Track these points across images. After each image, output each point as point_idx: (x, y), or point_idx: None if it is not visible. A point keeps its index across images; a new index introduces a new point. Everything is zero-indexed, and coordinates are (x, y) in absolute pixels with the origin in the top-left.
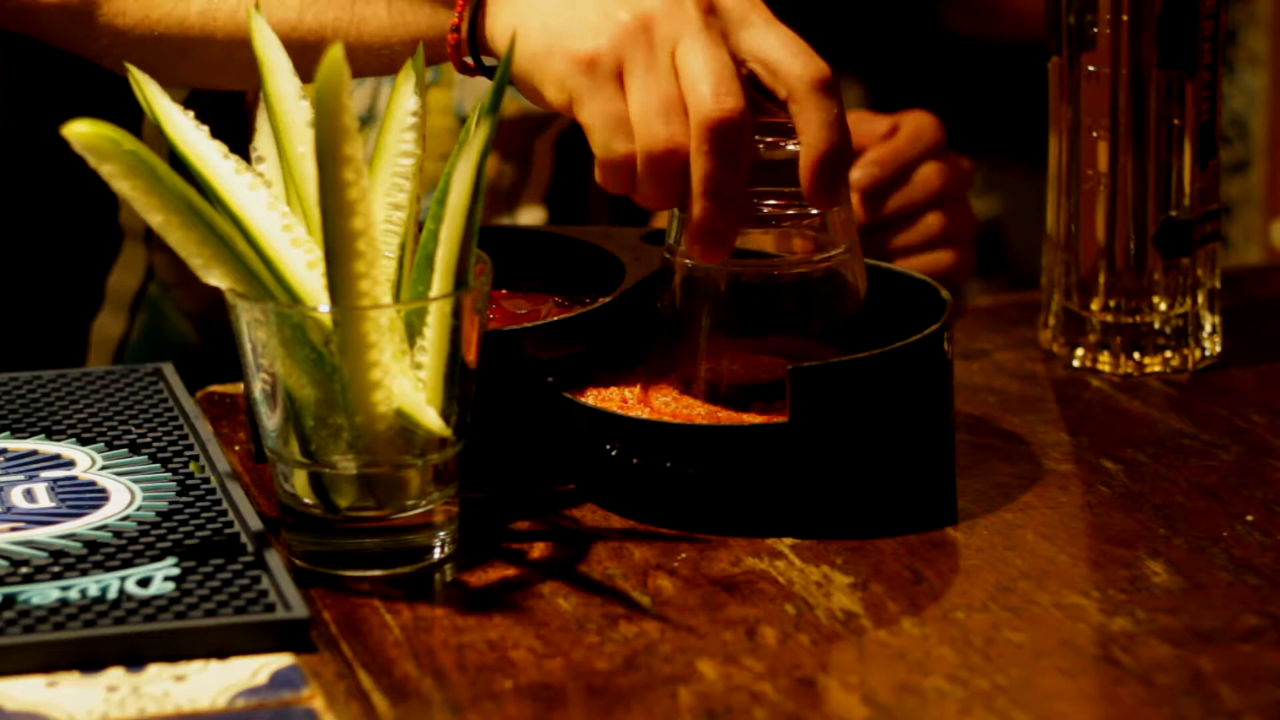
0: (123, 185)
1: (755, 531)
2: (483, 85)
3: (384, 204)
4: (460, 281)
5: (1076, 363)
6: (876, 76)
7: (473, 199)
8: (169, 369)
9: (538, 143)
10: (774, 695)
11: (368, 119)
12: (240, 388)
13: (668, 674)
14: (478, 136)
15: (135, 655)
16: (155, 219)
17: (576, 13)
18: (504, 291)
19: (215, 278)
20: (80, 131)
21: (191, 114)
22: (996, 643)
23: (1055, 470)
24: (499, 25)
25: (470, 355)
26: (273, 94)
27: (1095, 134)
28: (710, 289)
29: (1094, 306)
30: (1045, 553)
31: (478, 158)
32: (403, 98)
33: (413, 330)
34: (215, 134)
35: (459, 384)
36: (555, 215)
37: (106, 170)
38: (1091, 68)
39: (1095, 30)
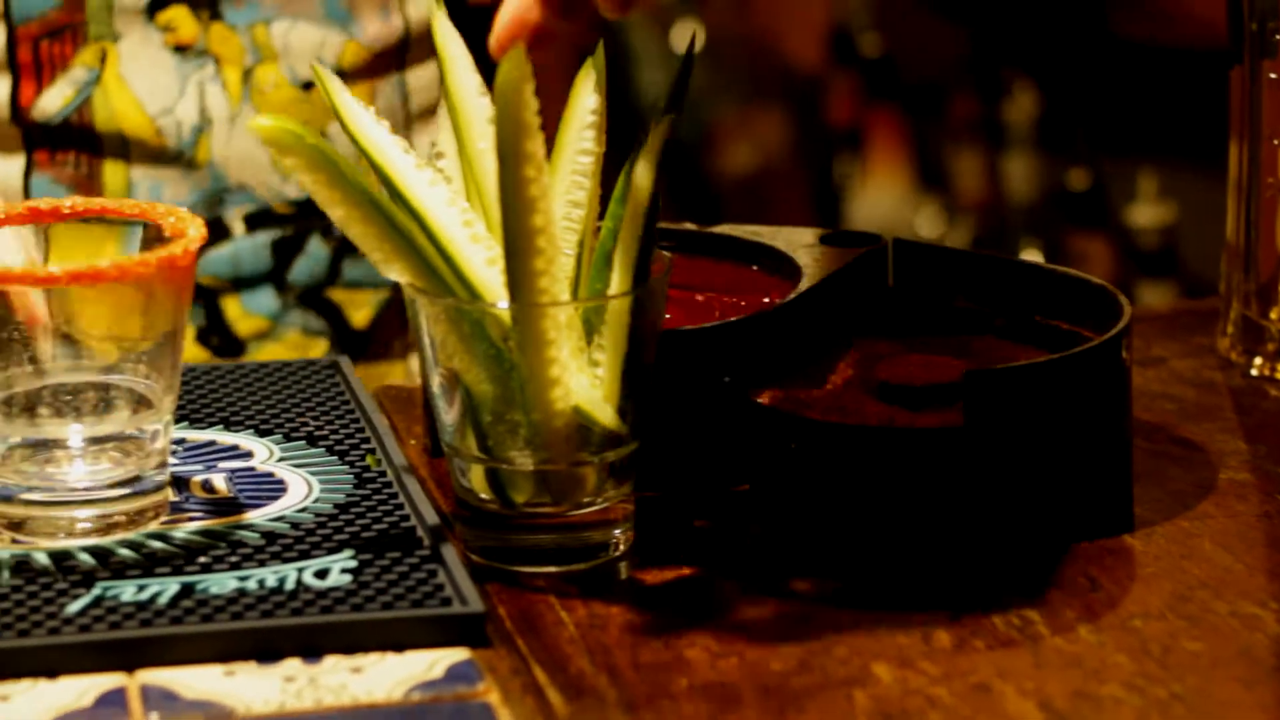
0: (305, 179)
1: (931, 536)
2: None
3: (563, 201)
4: (639, 280)
5: (1255, 371)
6: (1049, 81)
7: (652, 197)
8: (345, 362)
9: None
10: (949, 699)
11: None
12: (418, 382)
13: (843, 676)
14: (658, 134)
15: (312, 646)
16: (336, 213)
17: None
18: (682, 291)
19: (395, 273)
20: (264, 126)
21: (373, 109)
22: (1174, 651)
23: (1233, 479)
24: None
25: (648, 354)
26: (453, 89)
27: (1276, 142)
28: None
29: (1273, 315)
30: (1223, 562)
31: (655, 155)
32: (582, 95)
33: (591, 328)
34: None
35: (636, 382)
36: None
37: (289, 164)
38: (1274, 75)
39: (1278, 38)
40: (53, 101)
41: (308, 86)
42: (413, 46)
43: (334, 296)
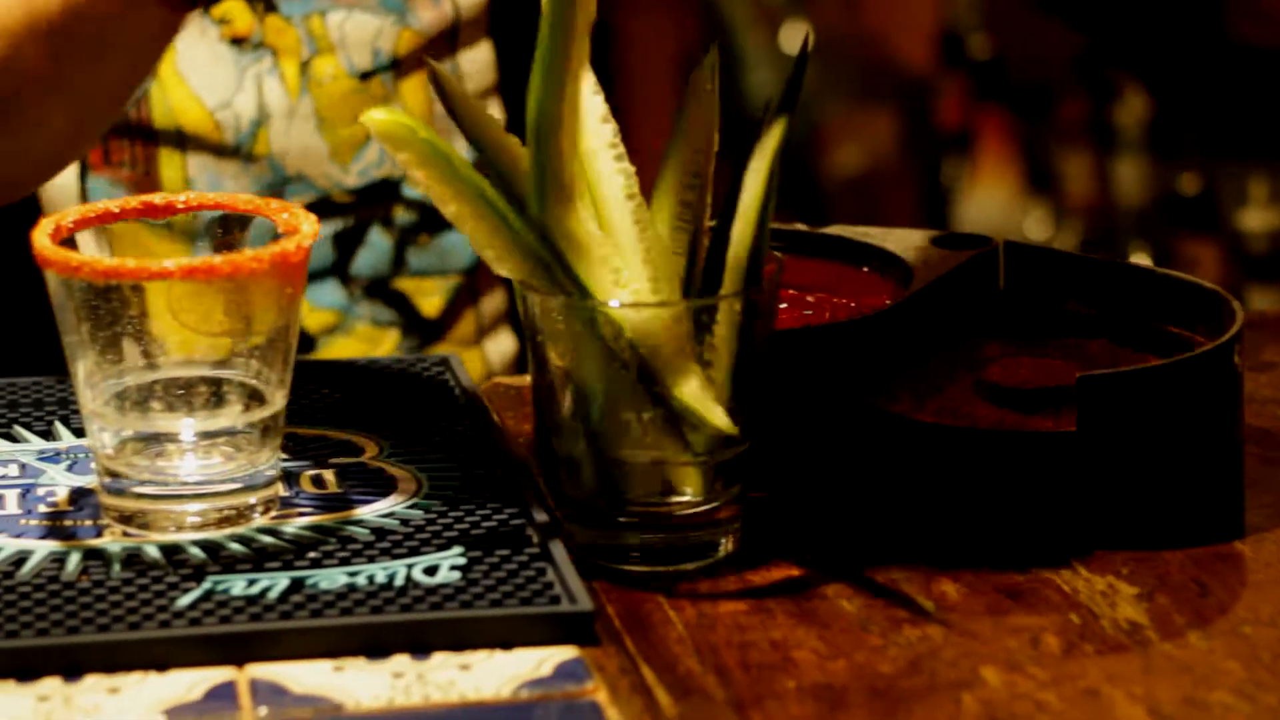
0: (418, 174)
1: (1040, 539)
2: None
3: (675, 200)
4: (751, 280)
5: None
6: (1160, 83)
7: (766, 197)
8: (456, 359)
9: None
10: (1058, 704)
11: None
12: (527, 379)
13: (951, 679)
14: (772, 134)
15: (421, 643)
16: (449, 209)
17: None
18: (793, 291)
19: (507, 270)
20: (377, 119)
21: (486, 106)
22: None
23: None
24: None
25: (759, 354)
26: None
27: None
28: None
29: None
30: None
31: (772, 156)
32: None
33: (702, 327)
34: None
35: (746, 383)
36: None
37: (402, 158)
38: None
39: None
40: None
41: (365, 77)
42: (462, 30)
43: (401, 286)
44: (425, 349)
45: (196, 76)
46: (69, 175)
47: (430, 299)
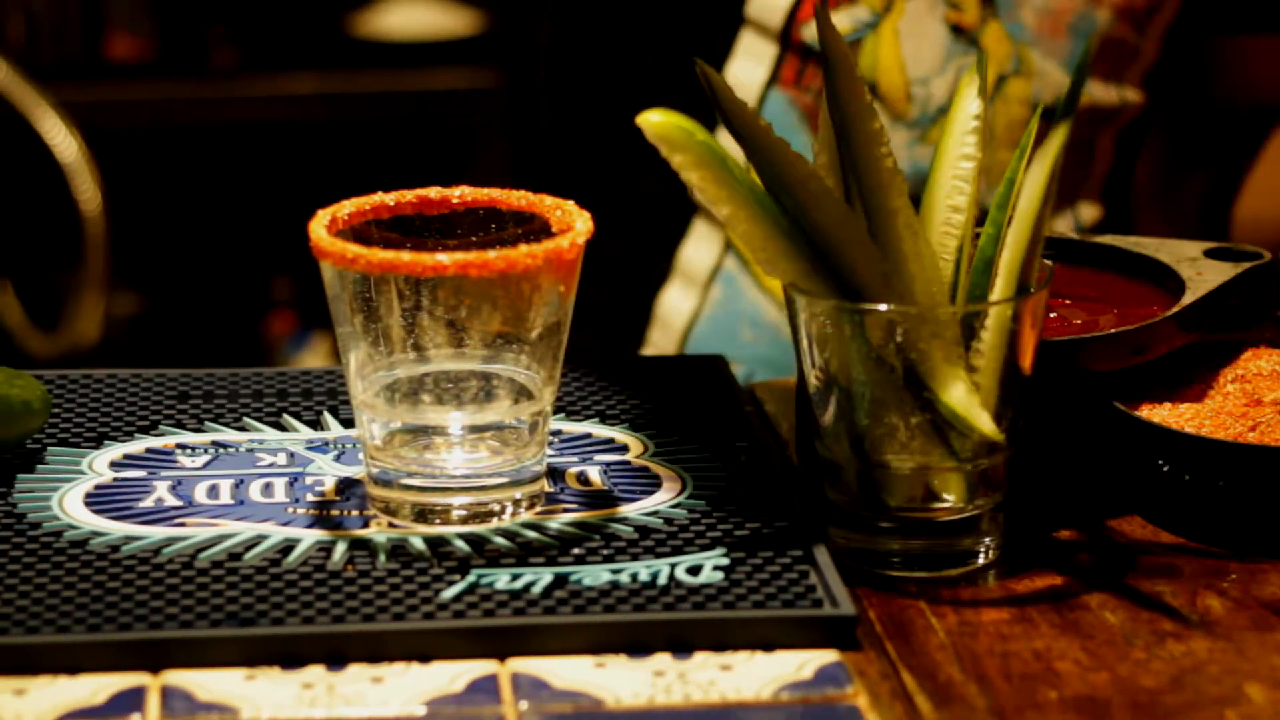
0: (692, 176)
1: None
2: (1056, 79)
3: (943, 206)
4: (1022, 287)
5: None
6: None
7: (1043, 204)
8: (722, 359)
9: (1101, 136)
10: None
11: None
12: (792, 381)
13: (1215, 695)
14: (1054, 140)
15: (683, 642)
16: (723, 211)
17: None
18: (1061, 300)
19: (778, 273)
20: (653, 121)
21: (758, 109)
22: None
23: None
24: None
25: (1026, 362)
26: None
27: None
28: None
29: None
30: None
31: (1052, 162)
32: (965, 101)
33: (970, 334)
34: None
35: (1013, 390)
36: (1110, 210)
37: (677, 160)
38: None
39: None
40: None
41: (1046, 114)
42: None
43: None
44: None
45: (910, 44)
46: (758, 74)
47: None
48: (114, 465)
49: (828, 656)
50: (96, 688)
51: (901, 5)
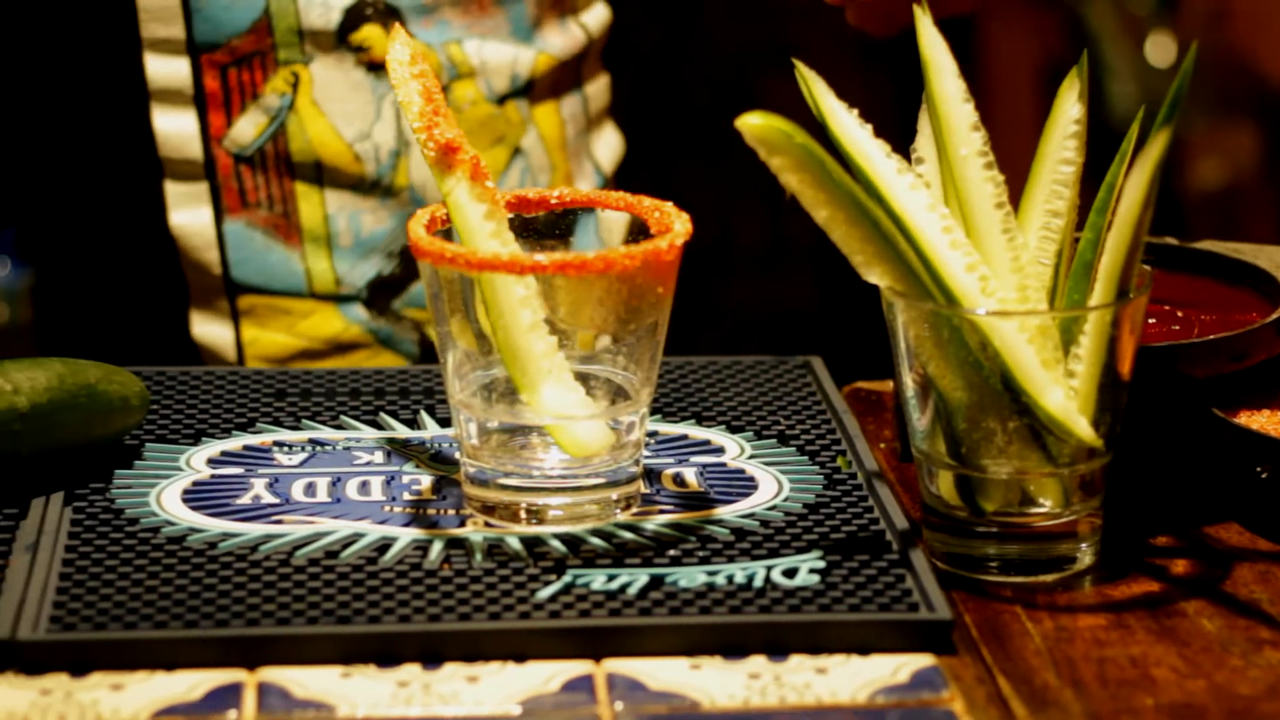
0: (791, 179)
1: None
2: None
3: (1042, 210)
4: (1122, 292)
5: None
6: None
7: (1144, 209)
8: (818, 362)
9: None
10: None
11: None
12: (888, 385)
13: None
14: (1154, 146)
15: (778, 644)
16: (820, 214)
17: None
18: (1159, 305)
19: (875, 275)
20: (752, 124)
21: (855, 112)
22: None
23: None
24: None
25: (1125, 367)
26: (937, 96)
27: None
28: None
29: None
30: None
31: (1153, 168)
32: (1066, 104)
33: (1068, 338)
34: None
35: (1111, 395)
36: None
37: (776, 163)
38: None
39: None
40: (245, 131)
41: (501, 101)
42: (589, 54)
43: None
44: None
45: (333, 106)
46: (204, 219)
47: None
48: (211, 462)
49: (923, 660)
50: (193, 684)
51: (307, 76)
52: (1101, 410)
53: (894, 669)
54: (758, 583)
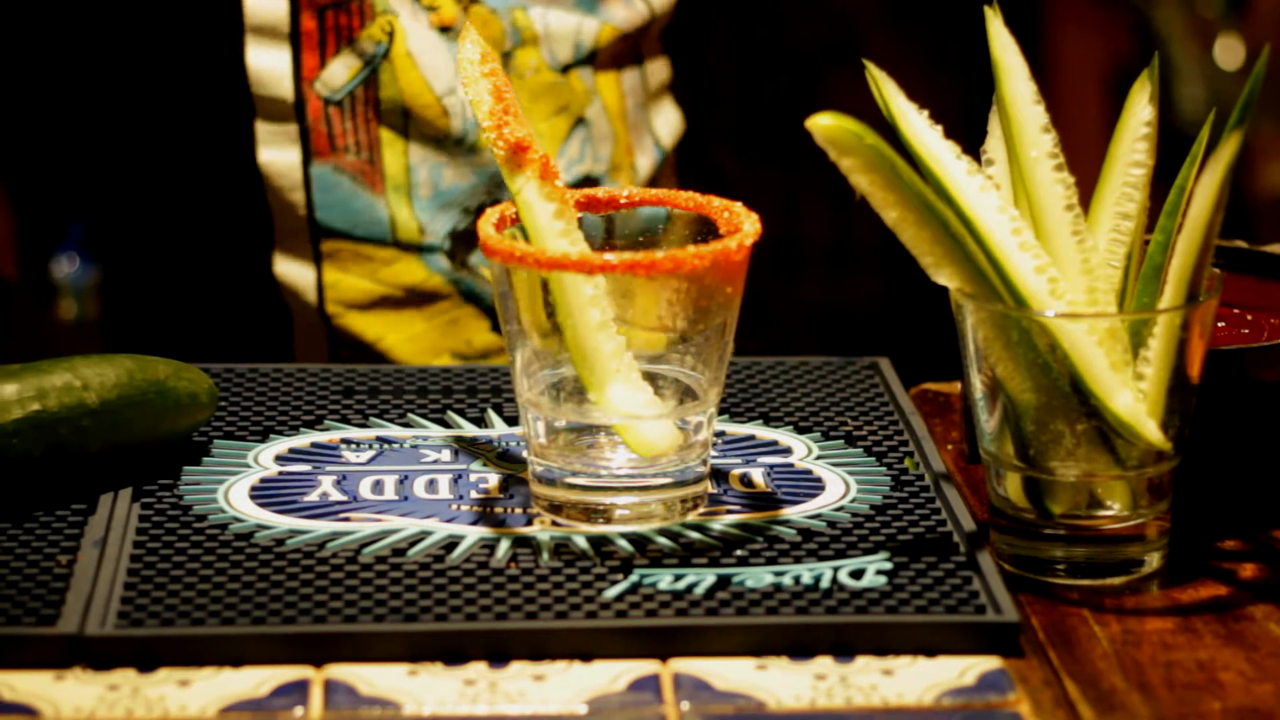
0: (861, 179)
1: None
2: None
3: (1112, 213)
4: (1192, 295)
5: None
6: None
7: (1214, 212)
8: (885, 363)
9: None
10: None
11: None
12: (955, 386)
13: None
14: (1226, 149)
15: (845, 646)
16: (890, 215)
17: None
18: (1229, 308)
19: (944, 277)
20: (823, 124)
21: (926, 113)
22: None
23: None
24: None
25: (1194, 370)
26: (1007, 97)
27: None
28: None
29: None
30: None
31: (1224, 171)
32: (1137, 107)
33: (1137, 341)
34: None
35: (1180, 398)
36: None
37: (846, 164)
38: None
39: None
40: (338, 74)
41: (565, 70)
42: (650, 31)
43: None
44: None
45: (425, 59)
46: (292, 159)
47: None
48: (279, 459)
49: (990, 663)
50: (260, 680)
51: (400, 28)
52: (1170, 413)
53: (960, 671)
54: (824, 584)
